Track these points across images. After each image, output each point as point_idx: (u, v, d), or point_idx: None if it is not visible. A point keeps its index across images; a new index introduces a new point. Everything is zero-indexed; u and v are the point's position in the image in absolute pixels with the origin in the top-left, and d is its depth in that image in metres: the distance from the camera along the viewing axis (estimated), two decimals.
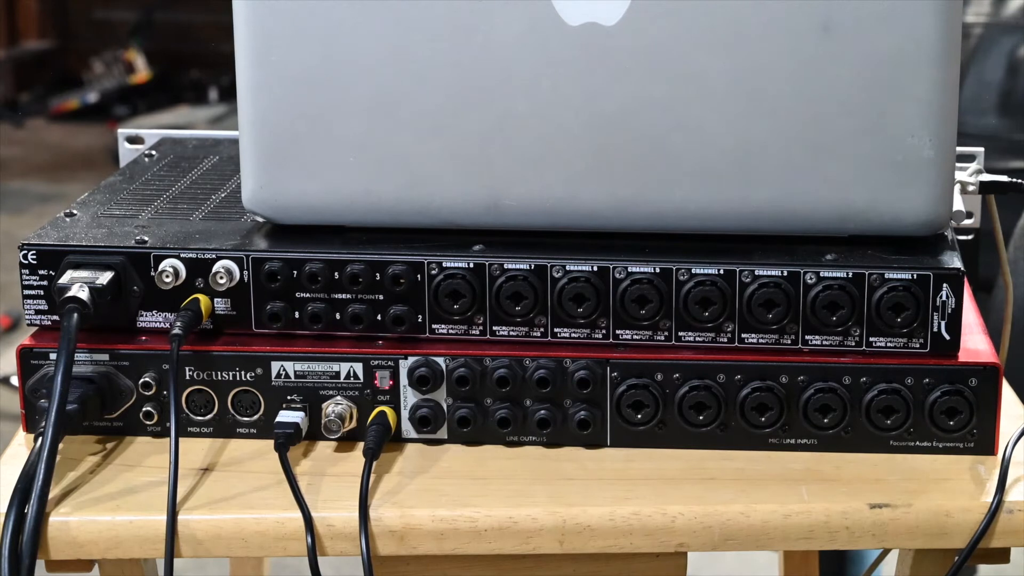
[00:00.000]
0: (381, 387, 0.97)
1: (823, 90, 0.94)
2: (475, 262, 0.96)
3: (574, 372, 0.96)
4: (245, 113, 0.97)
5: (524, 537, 0.89)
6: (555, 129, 0.96)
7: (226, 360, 0.97)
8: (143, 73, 5.82)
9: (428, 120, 0.96)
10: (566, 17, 0.94)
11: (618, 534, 0.90)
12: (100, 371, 0.97)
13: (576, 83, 0.95)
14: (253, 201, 0.99)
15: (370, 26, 0.95)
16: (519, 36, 0.94)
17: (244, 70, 0.96)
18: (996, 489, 0.90)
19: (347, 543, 0.89)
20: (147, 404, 0.97)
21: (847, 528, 0.90)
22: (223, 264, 0.97)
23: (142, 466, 0.95)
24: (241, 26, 0.96)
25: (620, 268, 0.95)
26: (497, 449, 0.97)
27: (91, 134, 5.45)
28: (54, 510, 0.89)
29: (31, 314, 0.98)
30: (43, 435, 0.89)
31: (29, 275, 0.98)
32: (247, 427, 0.98)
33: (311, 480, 0.93)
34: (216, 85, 5.64)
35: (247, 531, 0.89)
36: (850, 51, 0.93)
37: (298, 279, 0.97)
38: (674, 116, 0.95)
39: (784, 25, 0.93)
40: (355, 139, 0.97)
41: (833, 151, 0.95)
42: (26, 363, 0.97)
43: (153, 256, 0.97)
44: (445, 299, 0.96)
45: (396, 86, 0.96)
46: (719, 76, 0.94)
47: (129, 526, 0.89)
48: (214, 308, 0.97)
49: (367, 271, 0.96)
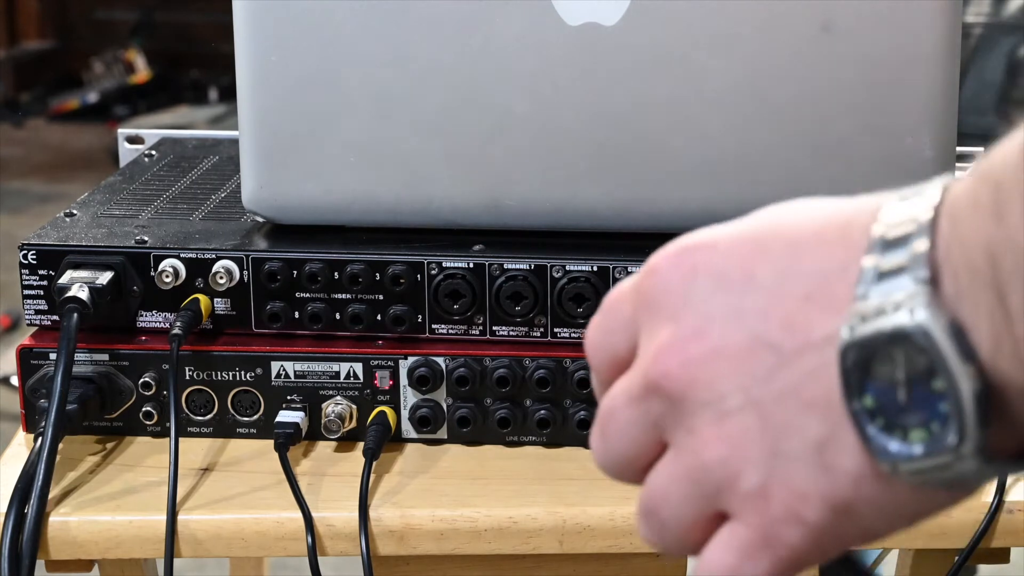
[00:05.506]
0: (381, 387, 0.97)
1: (823, 90, 0.94)
2: (475, 262, 0.96)
3: (574, 372, 0.96)
4: (245, 113, 0.97)
5: (524, 537, 0.89)
6: (555, 129, 0.96)
7: (226, 360, 0.97)
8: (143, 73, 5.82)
9: (428, 120, 0.96)
10: (566, 17, 0.94)
11: (618, 534, 0.90)
12: (100, 371, 0.97)
13: (576, 83, 0.95)
14: (253, 201, 0.99)
15: (370, 26, 0.95)
16: (519, 36, 0.94)
17: (244, 70, 0.96)
18: (996, 489, 0.90)
19: (347, 543, 0.89)
20: (147, 404, 0.97)
21: None
22: (223, 264, 0.97)
23: (142, 466, 0.95)
24: (241, 26, 0.96)
25: (619, 268, 0.95)
26: (497, 449, 0.97)
27: (91, 134, 5.46)
28: (54, 510, 0.89)
29: (31, 314, 0.98)
30: (43, 435, 0.89)
31: (29, 275, 0.98)
32: (247, 427, 0.98)
33: (311, 480, 0.93)
34: (216, 85, 5.65)
35: (247, 531, 0.89)
36: (850, 51, 0.93)
37: (298, 279, 0.97)
38: (674, 116, 0.95)
39: (784, 25, 0.93)
40: (355, 139, 0.97)
41: (833, 151, 0.95)
42: (26, 363, 0.97)
43: (153, 256, 0.97)
44: (445, 299, 0.96)
45: (396, 86, 0.96)
46: (719, 76, 0.94)
47: (129, 526, 0.89)
48: (214, 308, 0.97)
49: (367, 271, 0.96)
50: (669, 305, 0.50)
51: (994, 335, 0.44)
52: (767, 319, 0.48)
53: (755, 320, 0.48)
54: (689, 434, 0.49)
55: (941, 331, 0.44)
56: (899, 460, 0.46)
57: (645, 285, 0.51)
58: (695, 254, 0.51)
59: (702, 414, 0.49)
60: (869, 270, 0.46)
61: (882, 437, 0.46)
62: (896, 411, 0.46)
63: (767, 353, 0.48)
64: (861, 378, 0.46)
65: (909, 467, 0.46)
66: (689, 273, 0.50)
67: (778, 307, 0.48)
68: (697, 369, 0.49)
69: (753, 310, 0.48)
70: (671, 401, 0.50)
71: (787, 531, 0.48)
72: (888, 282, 0.46)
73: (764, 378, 0.48)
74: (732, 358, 0.48)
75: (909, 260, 0.46)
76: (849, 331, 0.46)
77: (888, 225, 0.47)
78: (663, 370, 0.49)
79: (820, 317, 0.47)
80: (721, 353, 0.49)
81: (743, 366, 0.48)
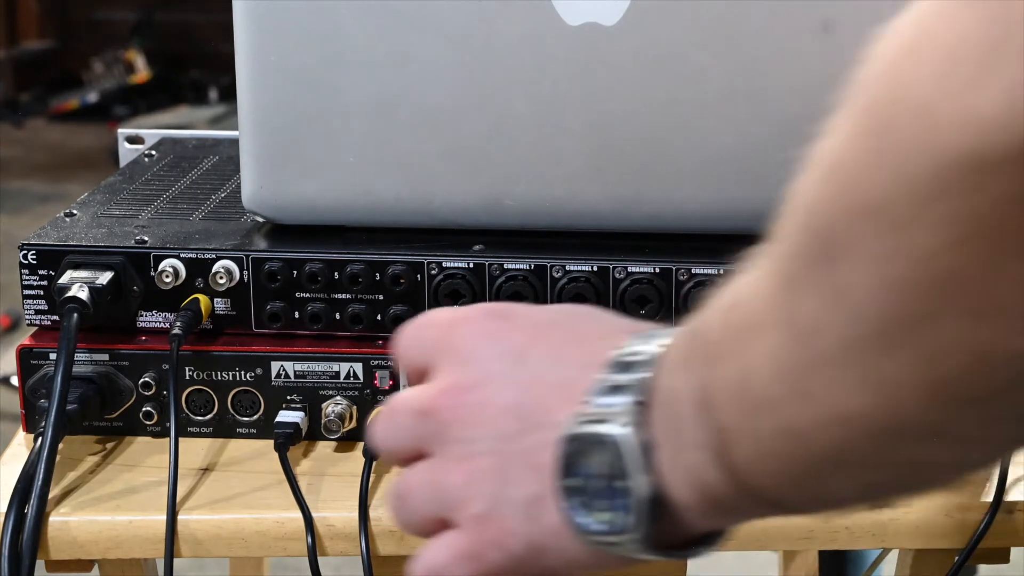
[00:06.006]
0: (381, 387, 0.97)
1: (823, 90, 0.94)
2: (475, 262, 0.96)
3: None
4: (245, 113, 0.97)
5: None
6: (555, 129, 0.96)
7: (226, 360, 0.97)
8: (143, 73, 5.82)
9: (428, 120, 0.96)
10: (566, 17, 0.94)
11: None
12: (100, 371, 0.97)
13: (576, 83, 0.95)
14: (253, 201, 0.99)
15: (370, 26, 0.95)
16: (519, 36, 0.94)
17: (244, 70, 0.96)
18: (996, 489, 0.90)
19: (347, 543, 0.89)
20: (147, 404, 0.97)
21: (847, 528, 0.90)
22: (223, 264, 0.97)
23: (142, 466, 0.95)
24: (241, 26, 0.96)
25: (620, 268, 0.95)
26: None
27: (91, 134, 5.46)
28: (54, 510, 0.89)
29: (31, 314, 0.98)
30: (43, 435, 0.89)
31: (29, 275, 0.98)
32: (247, 427, 0.98)
33: (311, 480, 0.93)
34: (216, 85, 5.65)
35: (247, 531, 0.89)
36: (850, 51, 0.93)
37: (298, 279, 0.97)
38: (674, 116, 0.95)
39: (784, 25, 0.93)
40: (355, 139, 0.97)
41: None
42: (26, 363, 0.97)
43: (153, 256, 0.97)
44: (445, 299, 0.96)
45: (396, 86, 0.96)
46: (719, 76, 0.94)
47: (129, 526, 0.89)
48: (214, 308, 0.97)
49: (367, 271, 0.96)
50: (464, 353, 0.63)
51: (669, 458, 0.56)
52: (526, 393, 0.61)
53: (518, 390, 0.61)
54: (443, 456, 0.63)
55: (634, 446, 0.56)
56: (585, 530, 0.58)
57: (455, 330, 0.64)
58: (497, 321, 0.64)
59: (457, 446, 0.62)
60: (603, 381, 0.58)
61: (577, 511, 0.58)
62: (591, 495, 0.58)
63: (517, 418, 0.61)
64: (571, 463, 0.58)
65: (592, 538, 0.58)
66: (486, 335, 0.63)
67: (537, 386, 0.61)
68: (465, 412, 0.62)
69: (519, 382, 0.61)
70: (439, 426, 0.62)
71: (492, 553, 0.62)
72: (611, 396, 0.58)
73: (509, 436, 0.61)
74: (492, 413, 0.61)
75: (631, 383, 0.57)
76: (573, 426, 0.58)
77: (627, 352, 0.59)
78: (441, 403, 0.62)
79: (560, 405, 0.60)
80: (486, 407, 0.61)
81: (498, 421, 0.61)
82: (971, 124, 0.43)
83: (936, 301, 0.45)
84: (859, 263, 0.47)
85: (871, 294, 0.47)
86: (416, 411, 0.63)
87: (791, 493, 0.55)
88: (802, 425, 0.51)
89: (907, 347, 0.47)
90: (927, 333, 0.46)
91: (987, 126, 0.42)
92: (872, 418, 0.49)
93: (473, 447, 0.62)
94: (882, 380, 0.48)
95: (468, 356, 0.63)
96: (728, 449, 0.54)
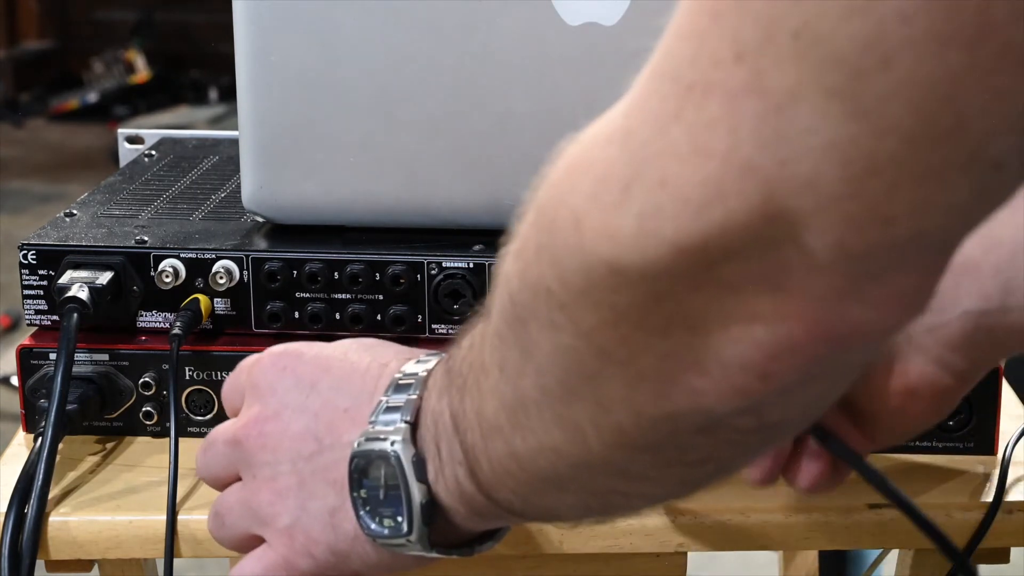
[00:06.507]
0: None
1: None
2: (475, 262, 0.96)
3: None
4: (245, 113, 0.97)
5: (524, 537, 0.89)
6: (555, 129, 0.96)
7: (226, 360, 0.97)
8: (143, 73, 5.83)
9: (428, 120, 0.96)
10: (566, 17, 0.94)
11: (618, 534, 0.89)
12: (100, 371, 0.97)
13: (576, 83, 0.95)
14: (253, 201, 0.99)
15: (370, 26, 0.95)
16: (519, 36, 0.94)
17: (244, 70, 0.96)
18: (996, 489, 0.90)
19: None
20: (147, 404, 0.97)
21: (847, 528, 0.90)
22: (223, 264, 0.97)
23: (142, 466, 0.95)
24: (241, 26, 0.96)
25: None
26: None
27: (91, 134, 5.46)
28: (54, 510, 0.89)
29: (31, 314, 0.98)
30: (43, 435, 0.89)
31: (29, 275, 0.98)
32: None
33: None
34: (216, 85, 5.65)
35: None
36: None
37: (298, 279, 0.97)
38: None
39: None
40: (355, 139, 0.97)
41: None
42: (26, 363, 0.97)
43: (153, 256, 0.97)
44: (445, 299, 0.96)
45: (396, 86, 0.96)
46: None
47: (129, 526, 0.89)
48: (214, 308, 0.97)
49: (367, 271, 0.96)
50: (264, 389, 0.73)
51: (436, 470, 0.66)
52: (318, 419, 0.70)
53: (311, 417, 0.71)
54: (253, 479, 0.72)
55: (407, 460, 0.66)
56: (375, 535, 0.68)
57: (255, 370, 0.74)
58: (289, 358, 0.73)
59: (264, 468, 0.71)
60: (382, 403, 0.68)
61: (367, 518, 0.68)
62: (377, 504, 0.68)
63: (313, 441, 0.70)
64: (359, 477, 0.68)
65: (381, 541, 0.68)
66: (281, 371, 0.73)
67: (327, 412, 0.70)
68: (267, 440, 0.71)
69: (312, 409, 0.71)
70: (246, 452, 0.72)
71: (301, 561, 0.71)
72: (388, 415, 0.67)
73: (308, 457, 0.70)
74: (291, 439, 0.71)
75: (403, 403, 0.67)
76: (358, 444, 0.68)
77: (403, 375, 0.68)
78: (246, 433, 0.72)
79: (349, 427, 0.69)
80: (285, 433, 0.71)
81: (296, 445, 0.70)
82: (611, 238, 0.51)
83: (598, 366, 0.55)
84: (540, 329, 0.56)
85: (550, 354, 0.57)
86: (228, 441, 0.73)
87: (524, 506, 0.65)
88: (521, 451, 0.61)
89: (582, 399, 0.57)
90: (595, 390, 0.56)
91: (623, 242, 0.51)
92: (569, 452, 0.59)
93: (277, 468, 0.71)
94: (569, 422, 0.58)
95: (266, 390, 0.72)
96: (474, 466, 0.64)
